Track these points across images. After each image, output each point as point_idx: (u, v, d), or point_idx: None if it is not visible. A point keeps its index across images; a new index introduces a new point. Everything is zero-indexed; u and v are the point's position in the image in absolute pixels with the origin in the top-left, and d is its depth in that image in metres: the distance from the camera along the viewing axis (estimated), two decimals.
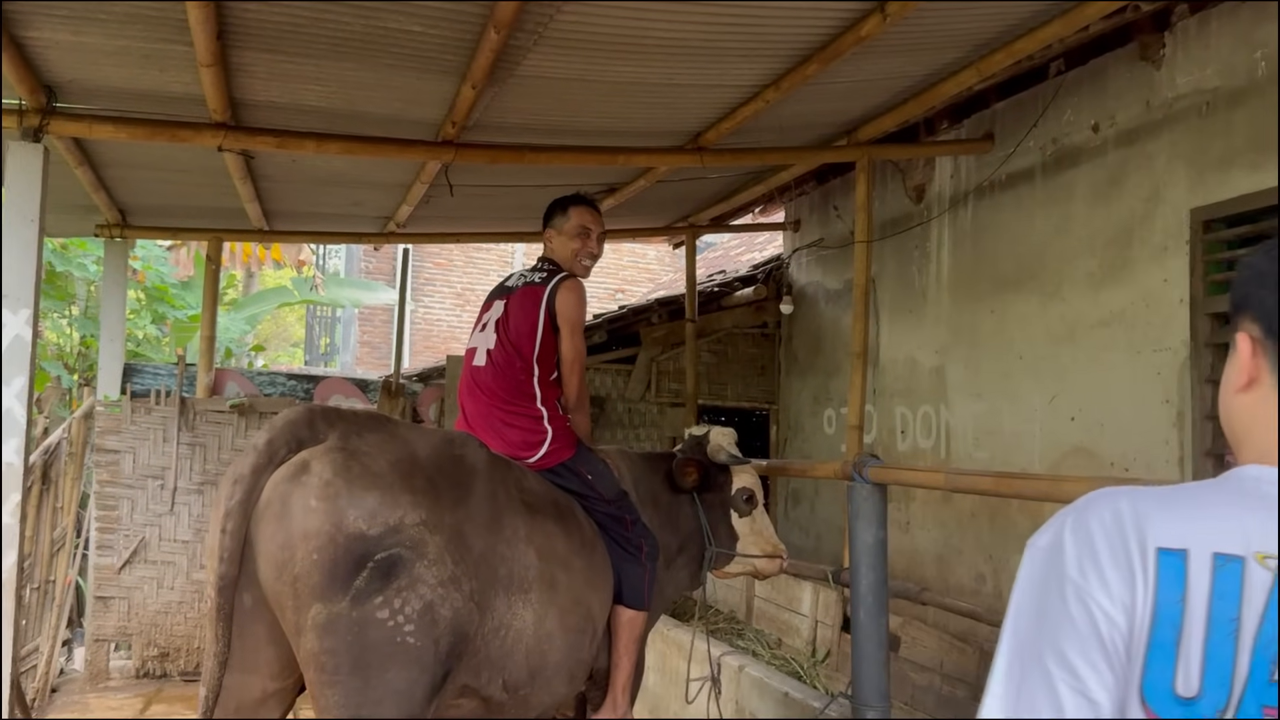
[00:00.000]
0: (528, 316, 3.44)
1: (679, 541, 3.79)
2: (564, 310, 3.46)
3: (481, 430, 3.31)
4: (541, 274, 3.58)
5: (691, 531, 3.84)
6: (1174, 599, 1.03)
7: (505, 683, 2.93)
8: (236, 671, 2.64)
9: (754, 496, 3.96)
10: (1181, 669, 1.03)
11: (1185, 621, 1.03)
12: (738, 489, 3.93)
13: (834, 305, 7.69)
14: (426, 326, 14.81)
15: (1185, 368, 4.55)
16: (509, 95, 4.48)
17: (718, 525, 3.88)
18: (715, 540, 3.85)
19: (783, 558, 4.00)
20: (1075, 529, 1.10)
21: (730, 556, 3.90)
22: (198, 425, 7.00)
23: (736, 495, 3.92)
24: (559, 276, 3.53)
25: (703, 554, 3.87)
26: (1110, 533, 1.07)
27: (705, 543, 3.85)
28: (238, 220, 7.11)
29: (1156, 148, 4.77)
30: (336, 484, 2.57)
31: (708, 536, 3.84)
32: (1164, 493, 1.12)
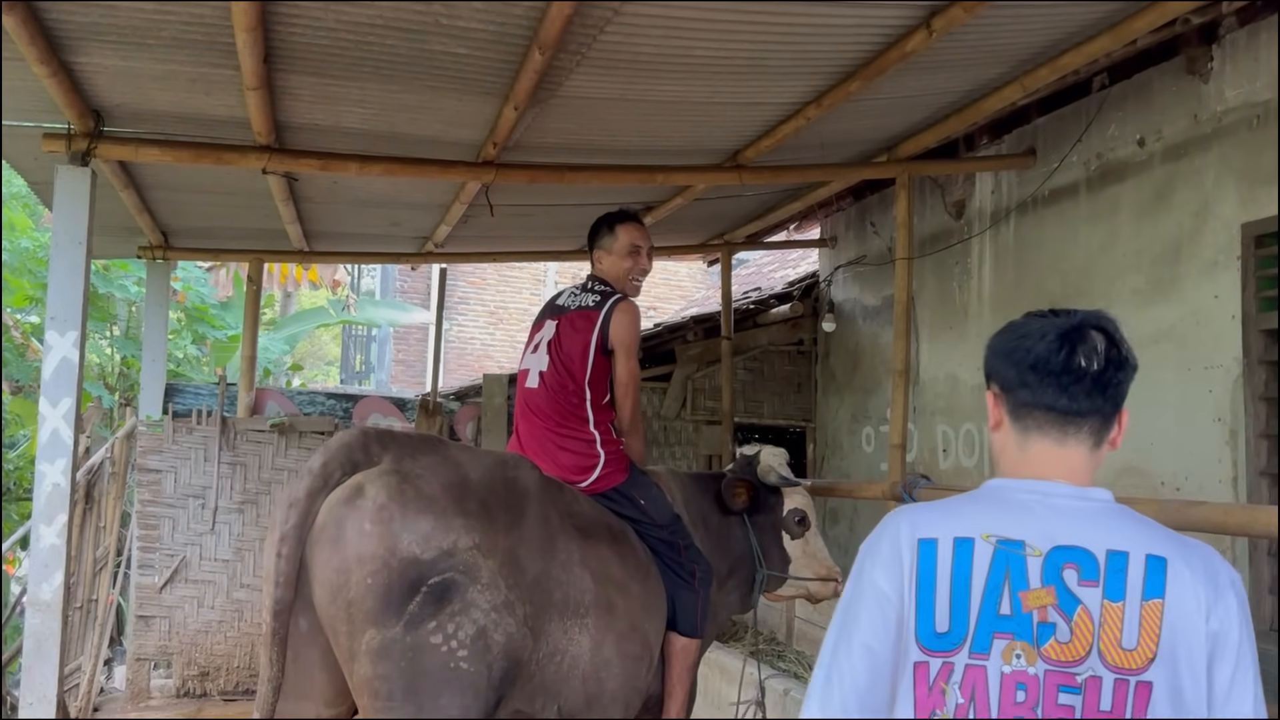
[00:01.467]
0: (580, 339, 3.42)
1: (729, 564, 3.74)
2: (619, 333, 3.44)
3: (535, 453, 3.29)
4: (595, 296, 3.54)
5: (742, 554, 3.78)
6: (929, 570, 1.55)
7: (560, 709, 2.89)
8: (290, 698, 2.63)
9: (806, 518, 3.90)
10: (938, 614, 1.54)
11: (936, 583, 1.55)
12: (789, 510, 3.87)
13: (872, 322, 7.63)
14: (460, 344, 14.87)
15: (1238, 385, 4.46)
16: (550, 116, 4.49)
17: (769, 547, 3.82)
18: (766, 562, 3.79)
19: (837, 580, 3.90)
20: (871, 538, 1.64)
21: (782, 579, 3.83)
22: (238, 445, 7.04)
23: (788, 516, 3.86)
24: (614, 299, 3.50)
25: (753, 576, 3.81)
26: (889, 535, 1.60)
27: (756, 565, 3.79)
28: (278, 241, 7.17)
29: (1205, 162, 4.70)
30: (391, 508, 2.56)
31: (758, 559, 3.79)
32: (936, 504, 1.70)
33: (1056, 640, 1.50)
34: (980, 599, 1.53)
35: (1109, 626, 1.50)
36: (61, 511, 4.20)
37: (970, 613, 1.53)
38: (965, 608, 1.53)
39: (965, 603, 1.54)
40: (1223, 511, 2.23)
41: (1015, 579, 1.53)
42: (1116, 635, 1.49)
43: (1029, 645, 1.51)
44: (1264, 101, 4.42)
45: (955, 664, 1.52)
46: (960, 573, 1.55)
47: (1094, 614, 1.50)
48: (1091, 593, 1.51)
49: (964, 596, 1.54)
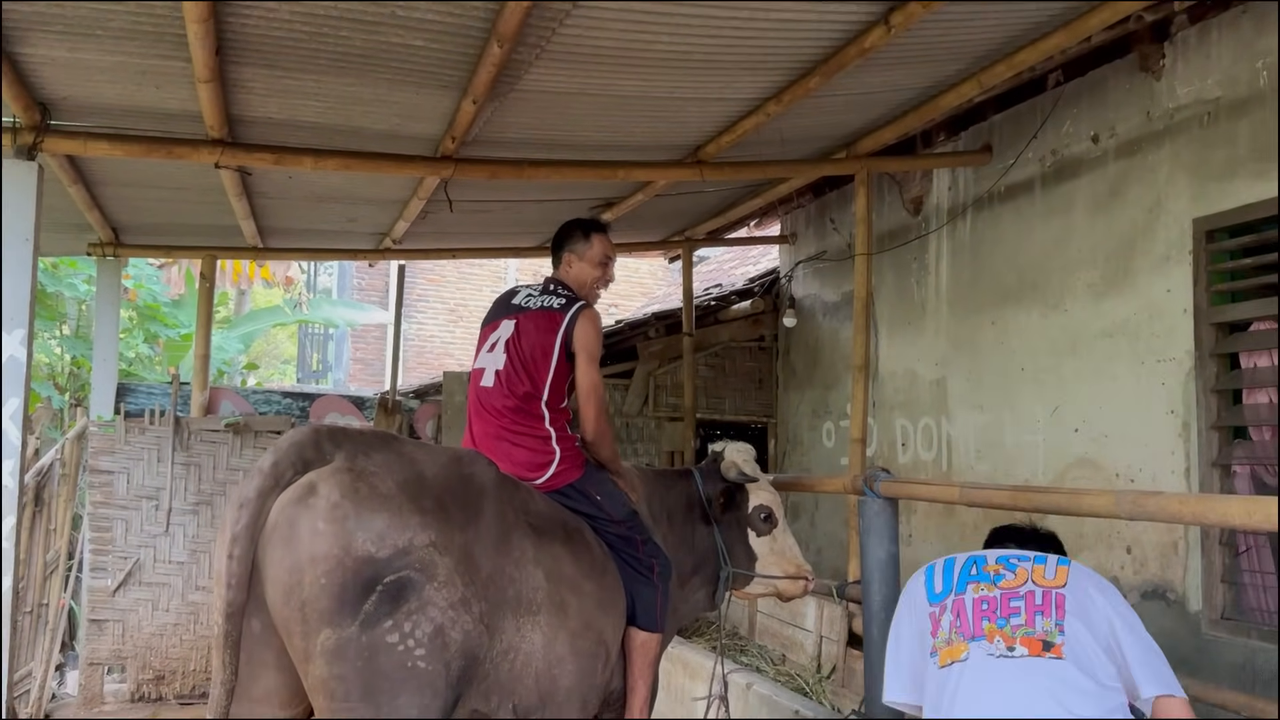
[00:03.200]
0: (543, 340, 3.37)
1: (694, 561, 3.72)
2: (583, 340, 3.39)
3: (490, 451, 3.26)
4: (559, 299, 3.49)
5: (707, 551, 3.76)
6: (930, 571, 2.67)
7: (515, 707, 2.87)
8: (244, 700, 2.58)
9: (772, 515, 3.86)
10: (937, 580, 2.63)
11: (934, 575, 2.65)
12: (755, 507, 3.83)
13: (832, 318, 7.67)
14: (420, 343, 14.74)
15: (1190, 378, 4.53)
16: (509, 110, 4.46)
17: (734, 545, 3.79)
18: (732, 560, 3.76)
19: (808, 579, 3.86)
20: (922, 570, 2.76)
21: (750, 577, 3.80)
22: (192, 445, 6.93)
23: (754, 513, 3.82)
24: (579, 305, 3.46)
25: (719, 574, 3.79)
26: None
27: (721, 563, 3.76)
28: (232, 238, 7.06)
29: (1158, 158, 4.77)
30: (344, 506, 2.52)
31: (723, 557, 3.76)
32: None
33: (1005, 580, 2.51)
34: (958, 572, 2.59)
35: (1036, 570, 2.50)
36: (9, 514, 4.10)
37: (953, 580, 2.58)
38: (950, 578, 2.59)
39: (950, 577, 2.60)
40: (1178, 502, 2.26)
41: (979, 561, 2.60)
42: (1041, 571, 2.50)
43: (989, 583, 2.52)
44: (1215, 99, 4.50)
45: (948, 605, 2.54)
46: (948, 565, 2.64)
47: (1027, 566, 2.51)
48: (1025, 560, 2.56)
49: (949, 575, 2.61)
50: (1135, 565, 4.76)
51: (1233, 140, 4.41)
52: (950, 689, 2.39)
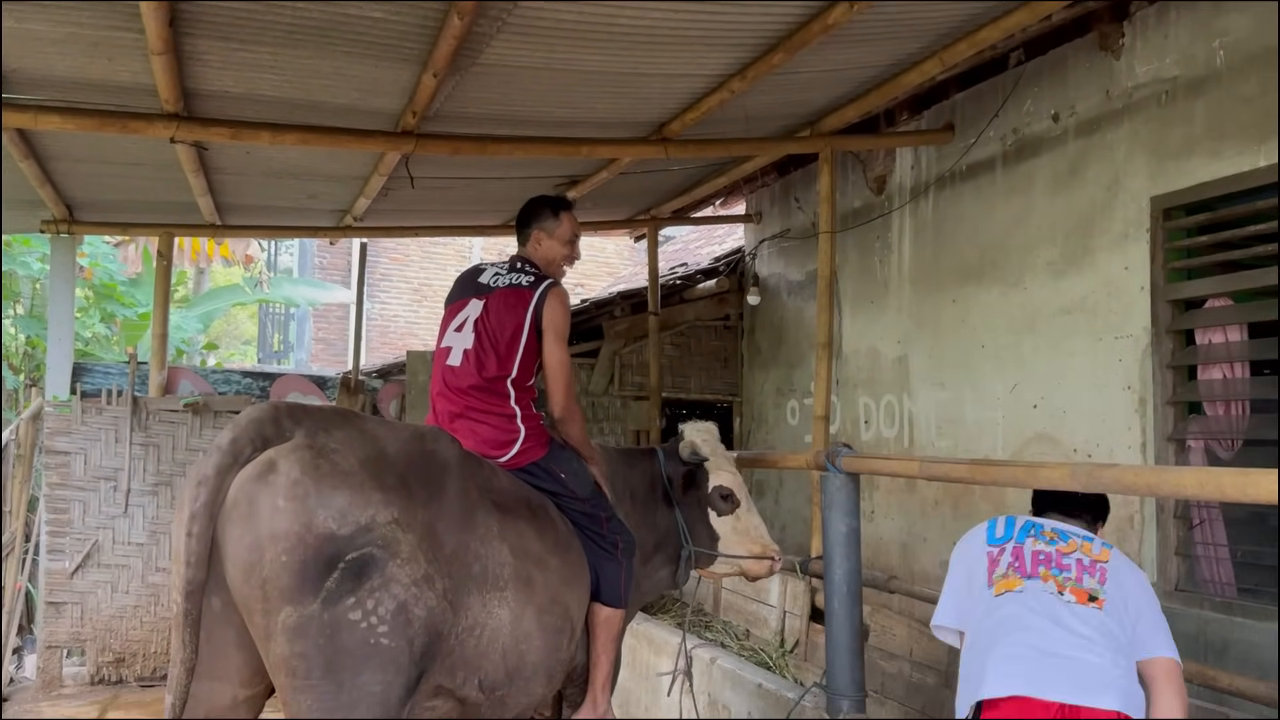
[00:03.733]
0: (513, 318, 3.33)
1: (656, 539, 3.72)
2: (552, 319, 3.36)
3: (453, 429, 3.23)
4: (527, 277, 3.45)
5: (669, 530, 3.76)
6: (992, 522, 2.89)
7: (481, 683, 2.86)
8: (204, 679, 2.55)
9: (733, 495, 3.83)
10: (999, 528, 2.86)
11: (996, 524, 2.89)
12: (714, 487, 3.81)
13: (796, 297, 7.70)
14: (383, 322, 14.61)
15: (1147, 354, 4.60)
16: (471, 84, 4.41)
17: (695, 524, 3.78)
18: (693, 539, 3.75)
19: (774, 559, 3.82)
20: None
21: (713, 556, 3.78)
22: (151, 425, 6.83)
23: (713, 493, 3.80)
24: (548, 283, 3.42)
25: (679, 555, 3.78)
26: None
27: (682, 542, 3.76)
28: (190, 215, 6.95)
29: (1117, 137, 4.82)
30: (305, 483, 2.49)
31: (684, 535, 3.75)
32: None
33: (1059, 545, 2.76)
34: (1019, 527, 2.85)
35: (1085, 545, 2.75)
36: None
37: (1014, 531, 2.84)
38: (1011, 529, 2.85)
39: (1011, 528, 2.86)
40: (1133, 474, 2.29)
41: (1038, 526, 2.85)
42: (1089, 547, 2.75)
43: (1045, 542, 2.77)
44: (1173, 78, 4.55)
45: (1007, 549, 2.81)
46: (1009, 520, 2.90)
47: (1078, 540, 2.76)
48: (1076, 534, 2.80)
49: (1010, 526, 2.87)
50: None
51: (1190, 119, 4.46)
52: (1001, 611, 2.70)
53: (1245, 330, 4.36)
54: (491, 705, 2.95)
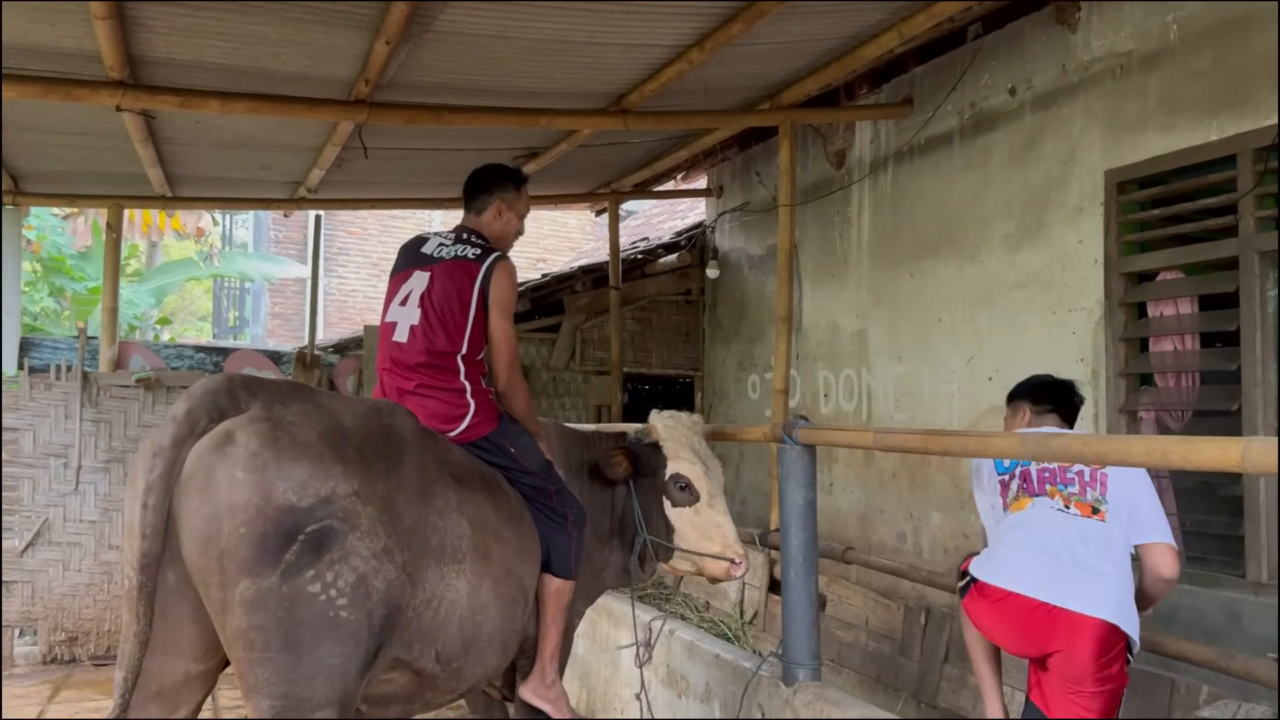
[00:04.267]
0: (460, 292, 3.25)
1: (611, 522, 3.64)
2: (499, 292, 3.26)
3: (399, 400, 3.20)
4: (474, 249, 3.34)
5: (628, 515, 3.65)
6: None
7: (438, 655, 2.85)
8: (156, 653, 2.51)
9: (691, 486, 3.60)
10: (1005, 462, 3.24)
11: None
12: (670, 475, 3.62)
13: (757, 271, 7.71)
14: (341, 298, 14.42)
15: (1100, 327, 4.65)
16: (425, 52, 4.34)
17: (650, 512, 3.63)
18: (648, 527, 3.60)
19: (734, 561, 3.55)
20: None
21: (672, 550, 3.61)
22: (101, 401, 6.71)
23: (669, 482, 3.62)
24: (495, 256, 3.32)
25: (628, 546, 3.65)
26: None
27: (637, 529, 3.62)
28: (139, 186, 6.80)
29: (1072, 111, 4.85)
30: (264, 455, 2.45)
31: (639, 523, 3.61)
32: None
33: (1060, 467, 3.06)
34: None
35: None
36: None
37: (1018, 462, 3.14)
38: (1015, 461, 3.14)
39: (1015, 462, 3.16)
40: (1080, 443, 2.31)
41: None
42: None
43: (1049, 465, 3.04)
44: (1127, 51, 4.57)
45: (1016, 474, 3.14)
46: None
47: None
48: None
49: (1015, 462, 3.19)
50: None
51: (1144, 93, 4.50)
52: (1014, 525, 3.07)
53: (1196, 303, 4.42)
54: (448, 676, 2.95)
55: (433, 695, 3.01)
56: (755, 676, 3.60)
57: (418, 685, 2.91)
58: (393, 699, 2.96)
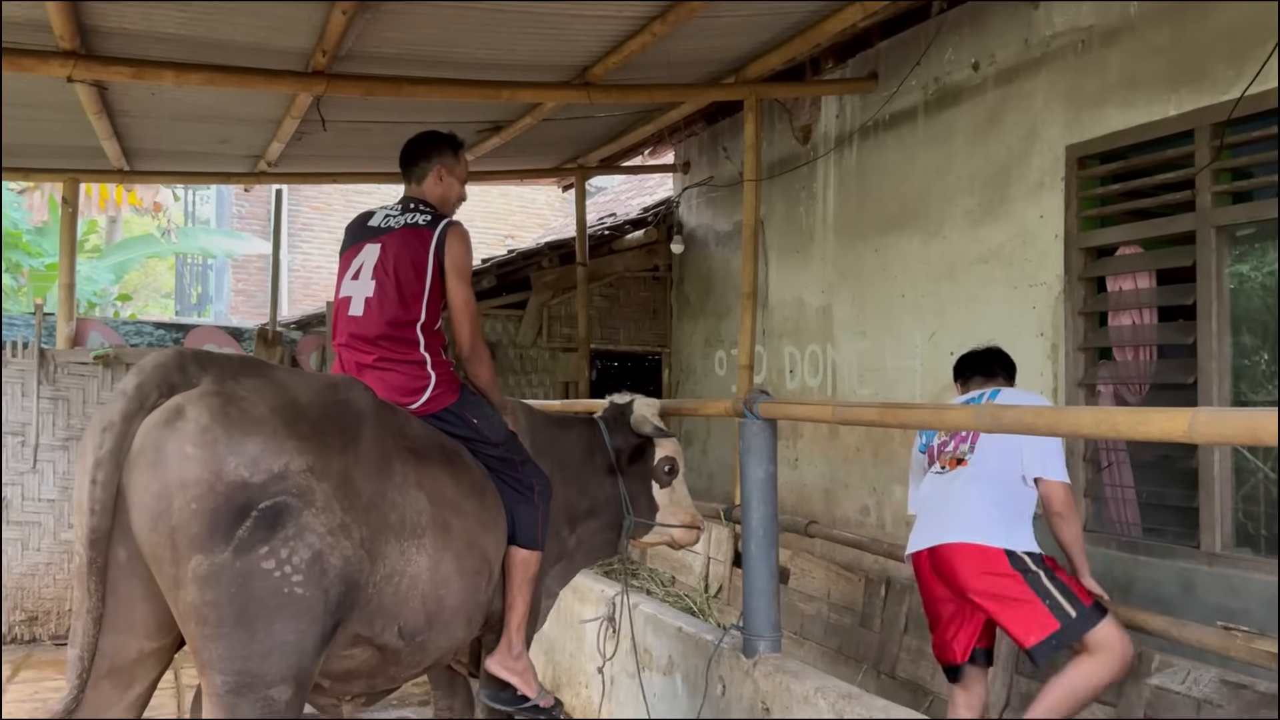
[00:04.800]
0: (414, 260, 3.20)
1: (588, 505, 3.72)
2: (455, 257, 3.24)
3: (358, 375, 3.16)
4: (424, 215, 3.30)
5: (608, 499, 3.78)
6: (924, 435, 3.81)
7: (401, 630, 2.84)
8: (109, 631, 2.47)
9: (675, 466, 3.89)
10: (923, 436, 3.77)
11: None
12: (660, 459, 3.86)
13: (724, 247, 7.70)
14: (306, 274, 14.25)
15: (1059, 301, 4.69)
16: (384, 23, 4.27)
17: (638, 496, 3.82)
18: (635, 510, 3.80)
19: (700, 528, 3.93)
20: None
21: (649, 526, 3.84)
22: (59, 378, 6.60)
23: (659, 465, 3.85)
24: (446, 221, 3.29)
25: (620, 523, 3.82)
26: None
27: (624, 512, 3.79)
28: (96, 160, 6.68)
29: (1034, 86, 4.86)
30: (214, 430, 2.41)
31: (627, 507, 3.79)
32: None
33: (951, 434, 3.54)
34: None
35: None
36: None
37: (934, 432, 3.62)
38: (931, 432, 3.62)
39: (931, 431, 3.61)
40: (1033, 414, 2.34)
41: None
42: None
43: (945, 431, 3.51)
44: (1089, 26, 4.59)
45: (933, 447, 3.60)
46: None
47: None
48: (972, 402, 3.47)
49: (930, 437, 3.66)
50: None
51: (1104, 68, 4.51)
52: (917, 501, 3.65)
53: (1154, 277, 4.46)
54: (411, 651, 2.94)
55: (397, 670, 3.00)
56: (717, 649, 3.63)
57: (381, 660, 2.90)
58: (356, 674, 2.95)
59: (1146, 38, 4.32)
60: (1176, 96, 4.20)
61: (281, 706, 2.46)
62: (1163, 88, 4.25)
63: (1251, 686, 2.73)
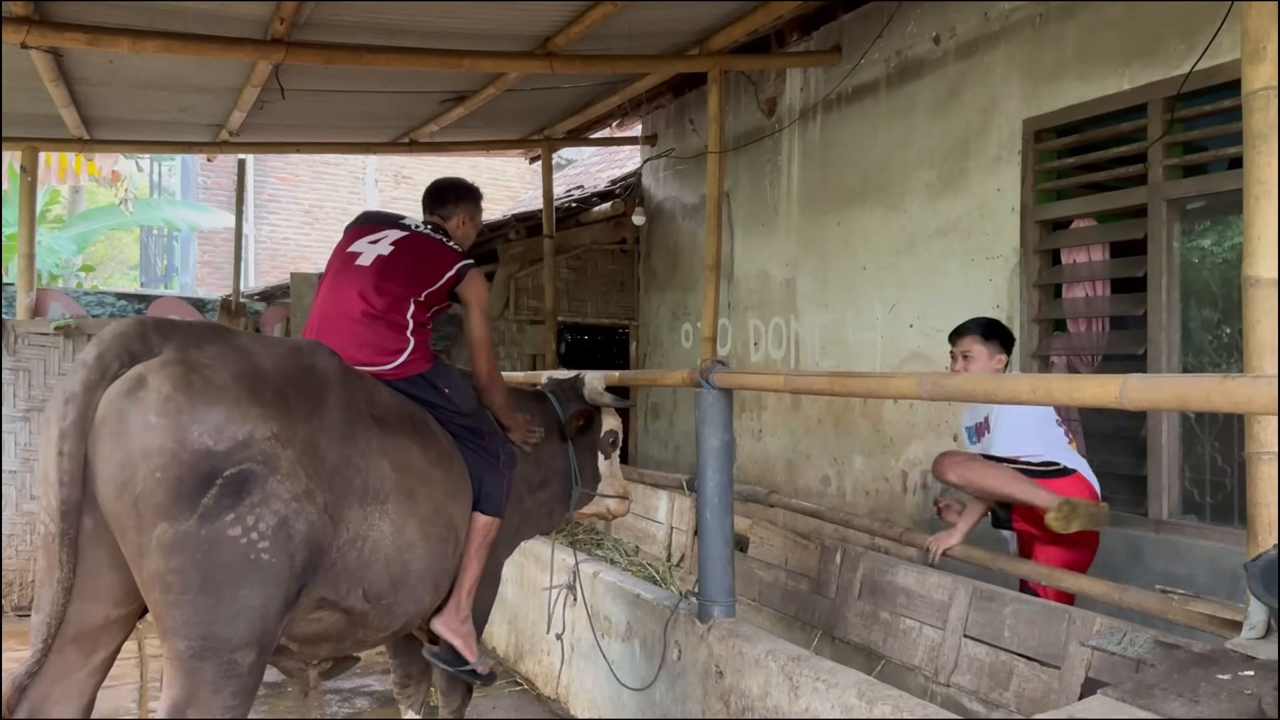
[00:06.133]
0: (435, 263, 3.41)
1: (542, 476, 3.86)
2: (477, 294, 3.50)
3: (337, 330, 3.24)
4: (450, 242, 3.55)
5: (557, 470, 3.92)
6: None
7: (366, 593, 2.89)
8: (76, 599, 2.50)
9: (617, 439, 4.06)
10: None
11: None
12: (606, 431, 4.01)
13: (691, 220, 7.72)
14: (273, 245, 14.13)
15: (1015, 274, 4.75)
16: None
17: (585, 466, 3.99)
18: (582, 481, 3.96)
19: (630, 499, 4.14)
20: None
21: (591, 497, 4.02)
22: (19, 349, 6.55)
23: (605, 437, 4.01)
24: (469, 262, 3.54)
25: (568, 493, 3.95)
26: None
27: (572, 483, 3.94)
28: (55, 128, 6.59)
29: (993, 59, 4.90)
30: (177, 399, 2.43)
31: (575, 477, 3.93)
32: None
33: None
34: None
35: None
36: None
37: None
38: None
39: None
40: (972, 382, 2.39)
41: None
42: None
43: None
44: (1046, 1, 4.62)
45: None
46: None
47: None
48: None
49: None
50: None
51: (1061, 42, 4.56)
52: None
53: (1107, 249, 4.53)
54: (379, 613, 3.00)
55: (365, 633, 3.06)
56: (674, 614, 3.68)
57: (348, 623, 2.95)
58: (323, 637, 2.99)
59: (1102, 12, 4.37)
60: (1130, 70, 4.26)
61: (245, 670, 2.50)
62: (1117, 62, 4.30)
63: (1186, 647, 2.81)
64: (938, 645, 3.70)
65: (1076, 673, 3.21)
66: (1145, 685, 2.03)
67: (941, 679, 3.62)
